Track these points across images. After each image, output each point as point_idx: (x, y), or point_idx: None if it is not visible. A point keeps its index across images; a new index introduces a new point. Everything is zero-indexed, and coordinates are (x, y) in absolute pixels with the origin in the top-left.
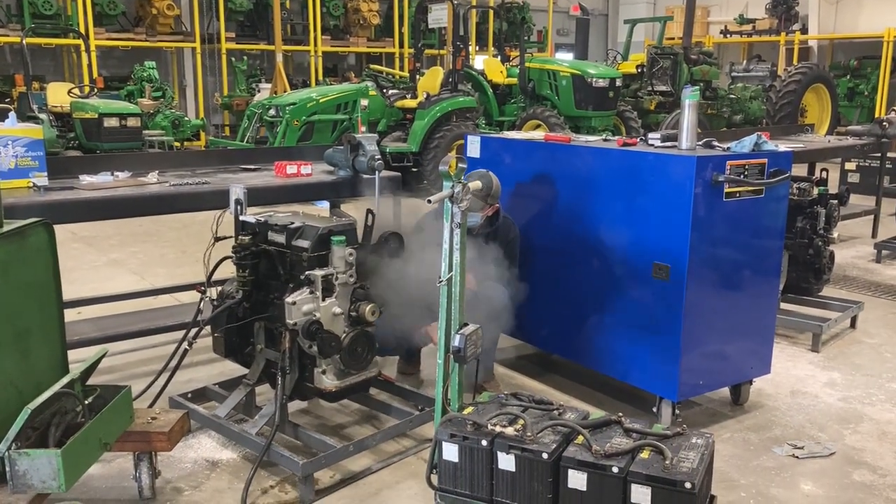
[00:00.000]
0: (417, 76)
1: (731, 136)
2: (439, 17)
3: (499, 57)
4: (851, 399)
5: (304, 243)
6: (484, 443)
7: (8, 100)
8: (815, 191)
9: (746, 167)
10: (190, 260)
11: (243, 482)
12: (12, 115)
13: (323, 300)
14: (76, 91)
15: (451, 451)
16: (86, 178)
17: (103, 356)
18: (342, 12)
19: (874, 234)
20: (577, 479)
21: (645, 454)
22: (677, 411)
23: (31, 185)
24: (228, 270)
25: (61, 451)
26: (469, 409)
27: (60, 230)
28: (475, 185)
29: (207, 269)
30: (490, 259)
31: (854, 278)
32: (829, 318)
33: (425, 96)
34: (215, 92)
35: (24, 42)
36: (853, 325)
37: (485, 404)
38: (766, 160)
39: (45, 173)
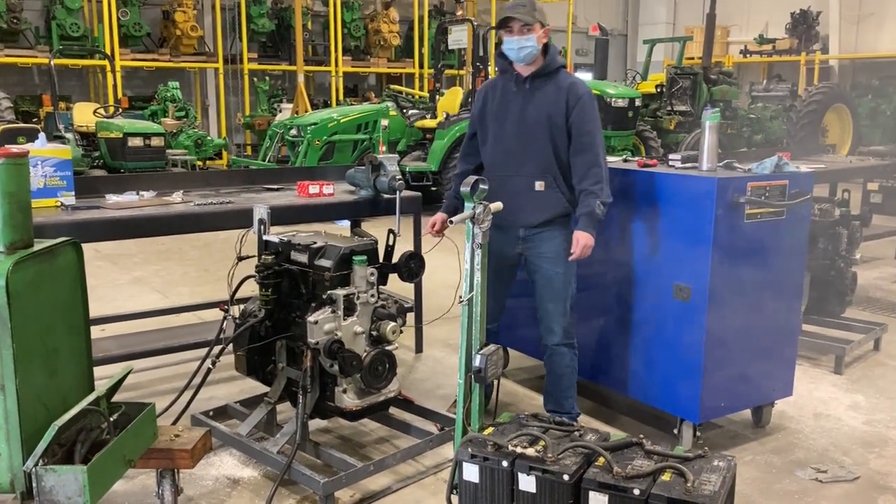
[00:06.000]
0: (437, 96)
1: (753, 156)
2: (459, 38)
3: None
4: (876, 422)
5: (327, 263)
6: (504, 463)
7: (35, 119)
8: (838, 211)
9: (767, 188)
10: (212, 278)
11: (264, 500)
12: (42, 136)
13: (344, 319)
14: (101, 111)
15: (471, 472)
16: (112, 198)
17: (128, 373)
18: (363, 33)
19: None
20: (598, 501)
21: (666, 476)
22: (698, 433)
23: (59, 204)
24: (251, 289)
25: (87, 467)
26: (489, 430)
27: (85, 249)
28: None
29: (231, 288)
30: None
31: (877, 300)
32: (852, 339)
33: (445, 116)
34: (237, 112)
35: (51, 63)
36: (877, 347)
37: (505, 425)
38: (787, 181)
39: (73, 193)
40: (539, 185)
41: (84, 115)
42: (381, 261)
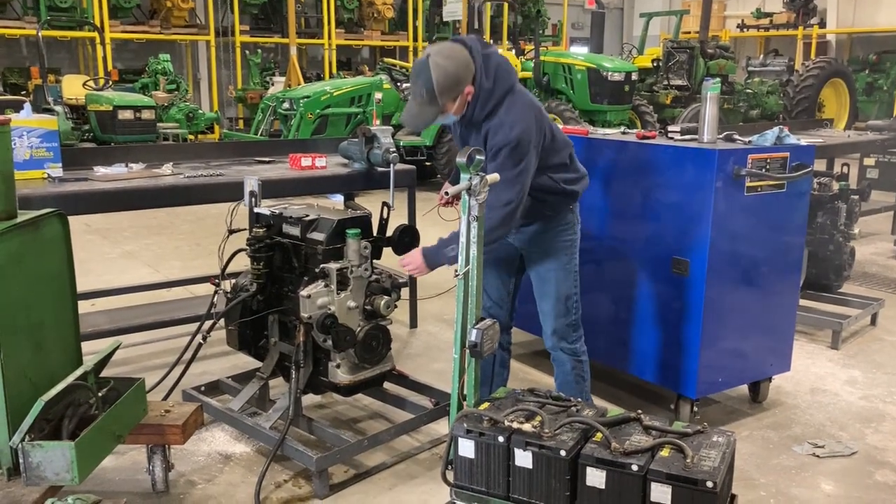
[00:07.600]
0: None
1: (751, 130)
2: (454, 10)
3: (513, 50)
4: (873, 397)
5: (320, 236)
6: (501, 439)
7: (24, 92)
8: (836, 186)
9: (768, 161)
10: (204, 252)
11: (257, 476)
12: (27, 106)
13: (338, 293)
14: (91, 83)
15: (467, 447)
16: (100, 170)
17: (117, 348)
18: (356, 5)
19: (894, 231)
20: (595, 477)
21: (665, 452)
22: (696, 409)
23: (45, 175)
24: (243, 263)
25: (75, 443)
26: (485, 405)
27: (74, 222)
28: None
29: (222, 262)
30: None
31: (874, 275)
32: (850, 315)
33: None
34: (229, 85)
35: (39, 34)
36: (874, 322)
37: (501, 400)
38: (788, 154)
39: (60, 164)
40: None
41: (73, 87)
42: (374, 234)
